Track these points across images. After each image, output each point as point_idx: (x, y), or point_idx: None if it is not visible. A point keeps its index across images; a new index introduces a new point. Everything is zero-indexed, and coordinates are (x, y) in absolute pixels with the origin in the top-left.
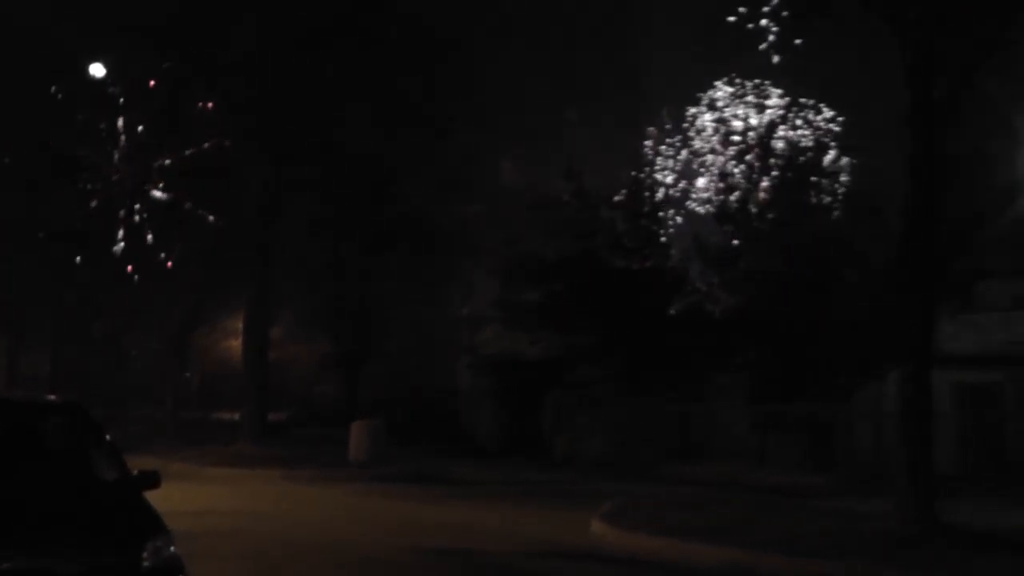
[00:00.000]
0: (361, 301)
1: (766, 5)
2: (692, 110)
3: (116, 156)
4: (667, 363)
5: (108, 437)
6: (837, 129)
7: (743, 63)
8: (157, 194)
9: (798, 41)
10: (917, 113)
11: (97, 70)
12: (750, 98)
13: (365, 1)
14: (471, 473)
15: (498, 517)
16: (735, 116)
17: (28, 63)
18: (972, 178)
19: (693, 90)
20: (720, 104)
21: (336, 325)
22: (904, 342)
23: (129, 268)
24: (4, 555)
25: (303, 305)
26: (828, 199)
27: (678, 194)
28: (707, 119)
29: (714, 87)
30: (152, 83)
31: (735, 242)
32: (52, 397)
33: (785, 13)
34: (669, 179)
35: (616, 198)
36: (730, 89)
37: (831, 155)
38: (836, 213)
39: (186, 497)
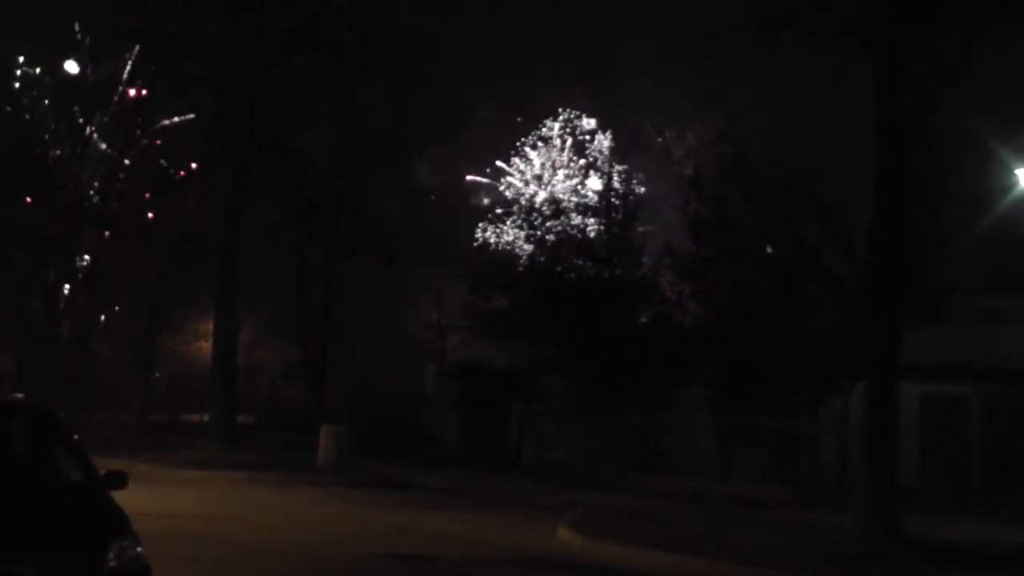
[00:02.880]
0: (327, 306)
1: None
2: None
3: (83, 157)
4: (633, 373)
5: (76, 438)
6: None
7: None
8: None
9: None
10: (885, 128)
11: (71, 67)
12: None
13: (326, 6)
14: (437, 480)
15: (463, 524)
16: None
17: None
18: (941, 192)
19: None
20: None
21: (303, 330)
22: (869, 356)
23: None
24: None
25: (271, 310)
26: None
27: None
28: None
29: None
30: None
31: (705, 252)
32: (19, 396)
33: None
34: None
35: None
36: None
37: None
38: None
39: (151, 500)
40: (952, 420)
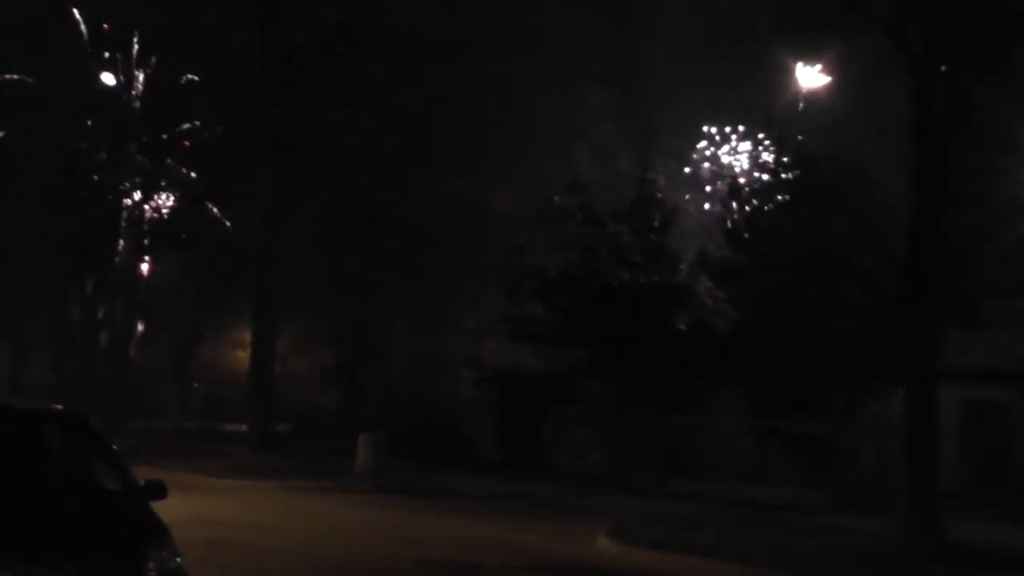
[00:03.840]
0: (362, 314)
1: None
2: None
3: (120, 167)
4: (669, 378)
5: (114, 446)
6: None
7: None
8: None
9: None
10: (921, 129)
11: (107, 79)
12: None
13: (362, 13)
14: (472, 486)
15: (499, 530)
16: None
17: (32, 72)
18: (978, 193)
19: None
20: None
21: (339, 338)
22: (907, 359)
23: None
24: (5, 563)
25: (307, 318)
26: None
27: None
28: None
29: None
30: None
31: (740, 256)
32: (56, 405)
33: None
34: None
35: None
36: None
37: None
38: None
39: (188, 507)
40: (994, 424)
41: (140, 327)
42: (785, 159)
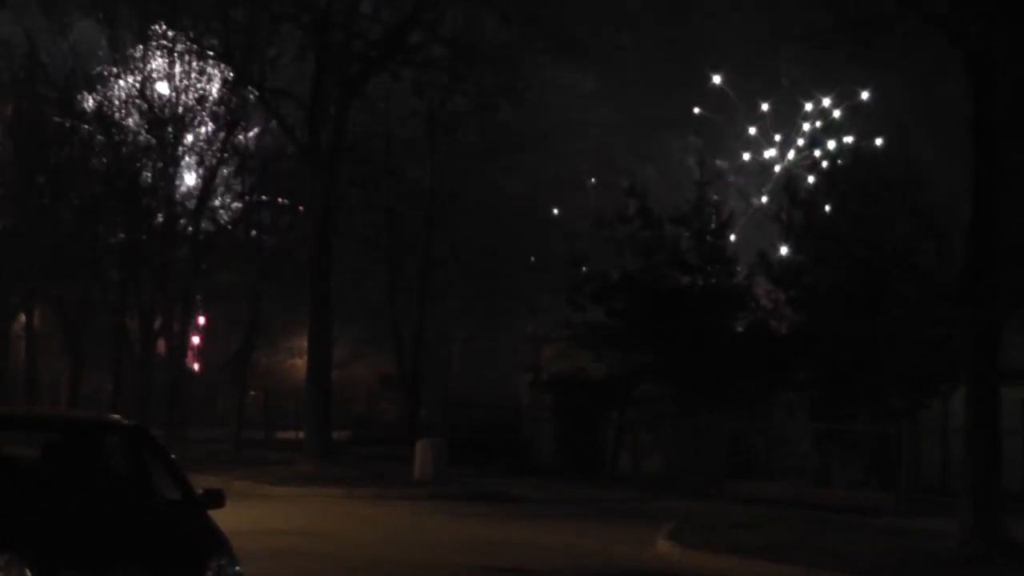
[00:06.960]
0: (421, 320)
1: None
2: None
3: (175, 176)
4: (729, 381)
5: (172, 456)
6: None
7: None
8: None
9: None
10: (980, 125)
11: (161, 87)
12: None
13: (413, 20)
14: (533, 491)
15: (561, 535)
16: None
17: (85, 82)
18: None
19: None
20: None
21: (397, 345)
22: (968, 357)
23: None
24: (66, 573)
25: (365, 325)
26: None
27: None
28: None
29: None
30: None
31: (800, 257)
32: (116, 416)
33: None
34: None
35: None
36: None
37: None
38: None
39: (248, 517)
40: None
41: (196, 336)
42: (840, 161)
